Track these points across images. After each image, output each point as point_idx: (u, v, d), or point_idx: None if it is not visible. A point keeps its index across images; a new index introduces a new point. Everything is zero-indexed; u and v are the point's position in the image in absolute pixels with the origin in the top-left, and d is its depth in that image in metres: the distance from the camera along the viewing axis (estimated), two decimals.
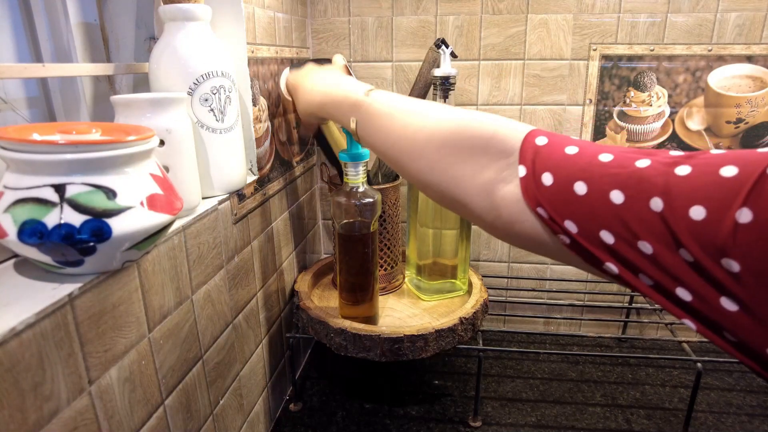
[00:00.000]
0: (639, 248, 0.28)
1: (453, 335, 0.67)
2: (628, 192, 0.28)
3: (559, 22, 0.82)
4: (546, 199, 0.32)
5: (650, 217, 0.27)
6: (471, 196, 0.37)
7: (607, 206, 0.29)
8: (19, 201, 0.32)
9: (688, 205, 0.26)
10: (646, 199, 0.27)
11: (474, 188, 0.37)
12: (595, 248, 0.30)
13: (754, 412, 0.77)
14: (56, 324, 0.32)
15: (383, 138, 0.45)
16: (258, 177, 0.64)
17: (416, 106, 0.43)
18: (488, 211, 0.37)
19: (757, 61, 0.81)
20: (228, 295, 0.58)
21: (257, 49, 0.64)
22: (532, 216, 0.33)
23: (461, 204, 0.39)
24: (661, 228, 0.27)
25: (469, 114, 0.40)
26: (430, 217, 0.75)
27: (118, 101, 0.44)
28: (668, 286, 0.28)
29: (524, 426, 0.74)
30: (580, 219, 0.30)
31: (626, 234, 0.28)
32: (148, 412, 0.42)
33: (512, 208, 0.35)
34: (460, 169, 0.38)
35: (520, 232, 0.35)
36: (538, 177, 0.33)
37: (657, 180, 0.27)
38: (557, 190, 0.32)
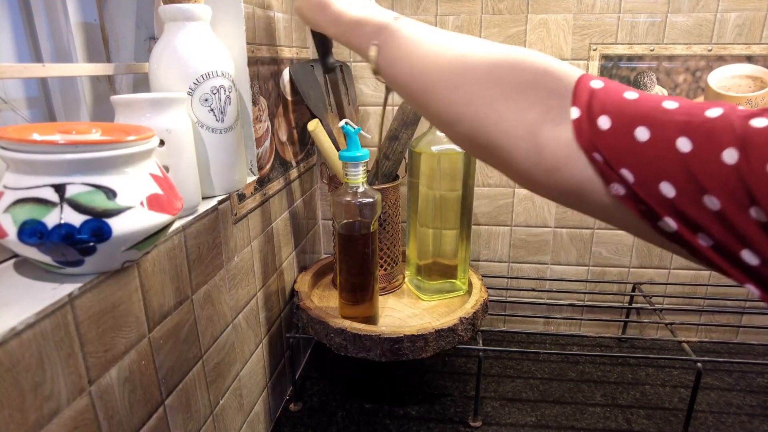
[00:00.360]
0: (704, 203, 0.25)
1: (453, 335, 0.67)
2: (698, 140, 0.25)
3: (559, 22, 0.82)
4: (603, 143, 0.29)
5: (722, 169, 0.24)
6: (510, 136, 0.33)
7: (672, 155, 0.26)
8: (19, 201, 0.32)
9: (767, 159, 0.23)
10: (718, 149, 0.25)
11: (515, 129, 0.33)
12: (653, 201, 0.27)
13: (754, 412, 0.77)
14: (56, 324, 0.32)
15: (410, 65, 0.38)
16: (258, 177, 0.64)
17: (455, 36, 0.38)
18: (528, 155, 0.32)
19: (757, 61, 0.81)
20: (228, 295, 0.58)
21: (257, 49, 0.64)
22: (582, 161, 0.30)
23: (496, 146, 0.34)
24: (734, 182, 0.24)
25: (518, 48, 0.35)
26: (430, 217, 0.75)
27: (118, 101, 0.44)
28: (733, 247, 0.25)
29: (524, 426, 0.74)
30: (640, 167, 0.27)
31: (691, 187, 0.26)
32: (148, 412, 0.42)
33: (559, 152, 0.31)
34: (502, 104, 0.33)
35: (563, 181, 0.31)
36: (594, 120, 0.29)
37: (731, 130, 0.25)
38: (616, 134, 0.28)
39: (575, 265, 0.95)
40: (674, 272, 0.94)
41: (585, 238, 0.93)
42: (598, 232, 0.93)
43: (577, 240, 0.93)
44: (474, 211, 0.92)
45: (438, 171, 0.72)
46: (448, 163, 0.72)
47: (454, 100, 0.36)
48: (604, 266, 0.95)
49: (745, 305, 0.93)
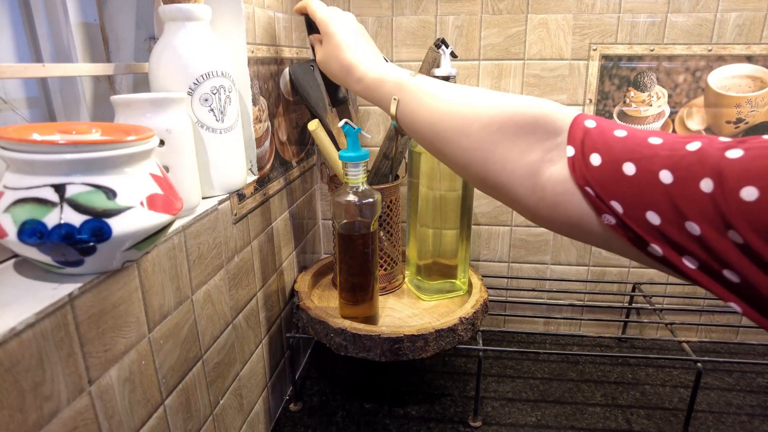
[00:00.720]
0: (686, 229, 0.28)
1: (453, 335, 0.67)
2: (677, 173, 0.28)
3: (559, 22, 0.82)
4: (594, 179, 0.32)
5: (699, 197, 0.27)
6: (515, 177, 0.37)
7: (656, 186, 0.29)
8: (19, 201, 0.32)
9: (739, 187, 0.25)
10: (696, 179, 0.27)
11: (519, 169, 0.37)
12: (641, 229, 0.30)
13: (754, 412, 0.77)
14: (56, 324, 0.32)
15: (426, 116, 0.44)
16: (258, 177, 0.64)
17: (463, 89, 0.43)
18: (532, 193, 0.36)
19: (757, 61, 0.81)
20: (228, 295, 0.58)
21: (257, 49, 0.64)
22: (578, 196, 0.33)
23: (504, 186, 0.38)
24: (711, 209, 0.27)
25: (517, 96, 0.40)
26: (430, 217, 0.75)
27: (118, 101, 0.44)
28: (715, 268, 0.27)
29: (524, 426, 0.74)
30: (627, 199, 0.30)
31: (673, 215, 0.28)
32: (148, 412, 0.42)
33: (558, 189, 0.34)
34: (506, 148, 0.37)
35: (563, 214, 0.35)
36: (587, 157, 0.33)
37: (708, 161, 0.27)
38: (605, 170, 0.32)
39: (575, 265, 0.95)
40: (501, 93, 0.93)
41: None
42: None
43: None
44: (474, 211, 0.92)
45: (438, 171, 0.72)
46: None
47: (465, 146, 0.40)
48: (604, 266, 0.95)
49: None
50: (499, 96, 0.40)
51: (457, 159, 0.41)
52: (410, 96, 0.46)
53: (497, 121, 0.38)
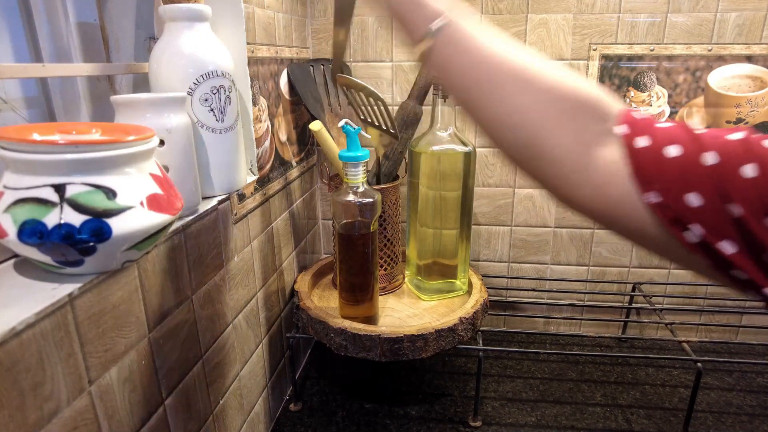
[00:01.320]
0: (728, 211, 0.29)
1: (453, 335, 0.67)
2: (722, 156, 0.29)
3: (559, 22, 0.82)
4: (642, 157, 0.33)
5: (743, 181, 0.28)
6: (565, 152, 0.35)
7: (699, 168, 0.30)
8: (19, 201, 0.32)
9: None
10: (740, 164, 0.28)
11: (574, 143, 0.35)
12: (682, 209, 0.30)
13: (754, 412, 0.77)
14: (56, 324, 0.32)
15: (474, 60, 0.37)
16: (258, 177, 0.64)
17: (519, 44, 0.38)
18: (577, 172, 0.35)
19: (757, 60, 0.81)
20: (228, 295, 0.58)
21: (257, 49, 0.64)
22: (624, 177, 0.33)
23: (550, 158, 0.36)
24: (753, 193, 0.28)
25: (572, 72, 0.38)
26: (430, 217, 0.75)
27: (118, 101, 0.44)
28: (755, 251, 0.28)
29: (524, 426, 0.74)
30: (669, 180, 0.31)
31: (716, 196, 0.29)
32: (148, 412, 0.42)
33: (607, 169, 0.34)
34: (564, 120, 0.35)
35: (607, 196, 0.34)
36: (636, 138, 0.33)
37: (753, 148, 0.28)
38: (652, 152, 0.32)
39: (575, 265, 0.95)
40: (674, 272, 0.94)
41: (585, 238, 0.93)
42: (598, 232, 0.93)
43: (577, 240, 0.93)
44: (474, 211, 0.92)
45: (438, 171, 0.72)
46: (448, 163, 0.72)
47: (521, 105, 0.36)
48: (604, 266, 0.95)
49: (745, 305, 0.93)
50: (562, 69, 0.37)
51: (505, 118, 0.37)
52: (456, 29, 0.38)
53: (561, 90, 0.36)
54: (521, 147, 0.37)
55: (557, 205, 0.92)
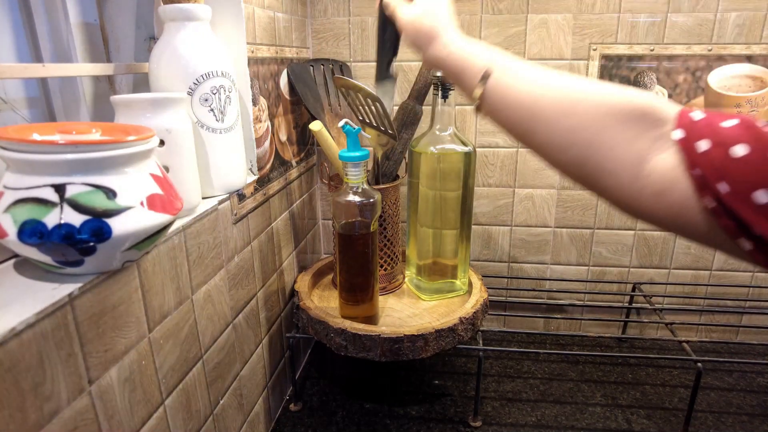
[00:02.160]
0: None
1: (453, 335, 0.67)
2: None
3: (559, 22, 0.82)
4: (702, 161, 0.32)
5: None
6: (621, 163, 0.36)
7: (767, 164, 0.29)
8: (19, 201, 0.32)
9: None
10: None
11: (626, 155, 0.36)
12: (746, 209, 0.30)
13: (754, 412, 0.77)
14: (56, 324, 0.32)
15: (524, 93, 0.41)
16: (258, 177, 0.64)
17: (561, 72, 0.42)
18: (636, 180, 0.36)
19: (756, 60, 0.81)
20: (228, 295, 0.58)
21: (257, 49, 0.64)
22: (683, 182, 0.33)
23: (606, 171, 0.37)
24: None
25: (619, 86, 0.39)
26: (430, 217, 0.75)
27: (118, 101, 0.44)
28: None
29: (524, 426, 0.74)
30: (736, 178, 0.30)
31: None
32: (148, 412, 0.42)
33: (666, 176, 0.34)
34: (615, 133, 0.36)
35: (666, 203, 0.34)
36: (694, 143, 0.33)
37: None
38: (714, 153, 0.32)
39: (575, 265, 0.95)
40: (674, 272, 0.94)
41: (585, 238, 0.93)
42: (598, 232, 0.93)
43: (577, 240, 0.93)
44: (474, 210, 0.92)
45: (438, 171, 0.72)
46: (448, 163, 0.72)
47: (569, 126, 0.38)
48: (604, 266, 0.95)
49: (745, 305, 0.93)
50: (604, 83, 0.39)
51: (556, 141, 0.39)
52: (505, 69, 0.43)
53: (609, 105, 0.37)
54: (578, 166, 0.39)
55: (562, 206, 0.92)
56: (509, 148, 0.89)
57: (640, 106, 0.36)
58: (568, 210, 0.92)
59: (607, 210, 0.91)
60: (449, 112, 0.72)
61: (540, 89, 0.41)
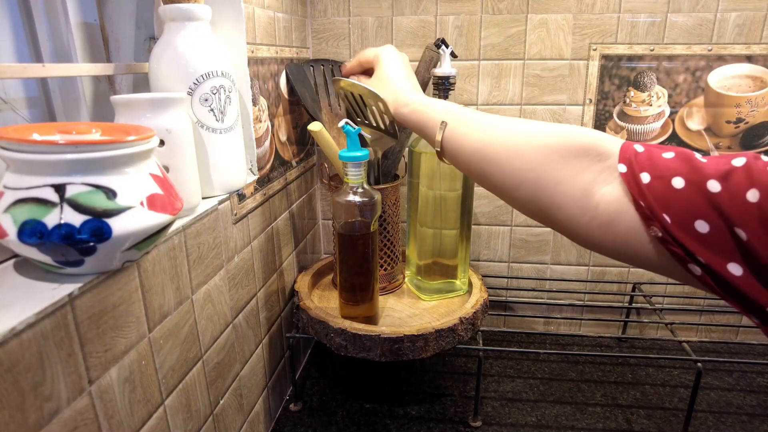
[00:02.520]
0: (734, 235, 0.30)
1: (453, 335, 0.67)
2: (724, 183, 0.30)
3: (559, 22, 0.82)
4: (644, 193, 0.34)
5: (747, 206, 0.29)
6: (569, 197, 0.38)
7: (704, 195, 0.31)
8: (19, 201, 0.32)
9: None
10: (743, 190, 0.29)
11: (573, 189, 0.38)
12: (689, 238, 0.31)
13: (755, 412, 0.77)
14: (56, 324, 0.32)
15: (476, 139, 0.45)
16: (258, 177, 0.64)
17: (511, 118, 0.45)
18: (584, 213, 0.38)
19: (757, 60, 0.81)
20: (228, 295, 0.58)
21: (257, 49, 0.64)
22: (630, 213, 0.35)
23: (556, 207, 0.39)
24: (757, 217, 0.29)
25: (565, 125, 0.42)
26: (430, 217, 0.75)
27: (118, 101, 0.44)
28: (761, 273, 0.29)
29: (524, 426, 0.74)
30: (677, 210, 0.32)
31: (722, 222, 0.30)
32: (148, 412, 0.42)
33: (611, 207, 0.36)
34: (560, 169, 0.39)
35: (614, 233, 0.36)
36: (637, 175, 0.35)
37: (754, 175, 0.29)
38: (655, 185, 0.33)
39: (575, 264, 0.95)
40: None
41: None
42: None
43: None
44: (474, 210, 0.92)
45: (438, 171, 0.72)
46: None
47: (517, 167, 0.41)
48: (604, 266, 0.95)
49: None
50: (548, 124, 0.42)
51: (507, 181, 0.42)
52: (458, 119, 0.47)
53: (551, 144, 0.39)
54: (531, 203, 0.41)
55: None
56: None
57: (582, 142, 0.39)
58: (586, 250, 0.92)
59: None
60: None
61: (489, 135, 0.44)
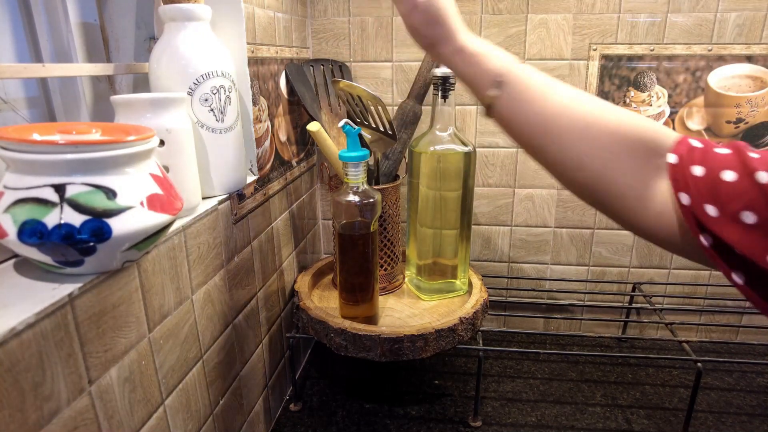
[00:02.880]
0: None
1: (453, 335, 0.67)
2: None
3: (559, 22, 0.82)
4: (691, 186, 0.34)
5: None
6: (629, 188, 0.38)
7: (755, 186, 0.31)
8: (19, 201, 0.32)
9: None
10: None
11: (634, 181, 0.38)
12: (732, 229, 0.32)
13: (755, 412, 0.77)
14: (56, 324, 0.32)
15: (538, 110, 0.41)
16: (258, 177, 0.64)
17: (576, 90, 0.41)
18: (641, 203, 0.37)
19: (756, 60, 0.81)
20: (228, 295, 0.58)
21: (257, 49, 0.64)
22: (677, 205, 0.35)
23: (615, 194, 0.39)
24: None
25: (630, 112, 0.40)
26: (430, 217, 0.75)
27: (118, 101, 0.44)
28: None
29: (524, 426, 0.74)
30: (724, 201, 0.32)
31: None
32: (148, 412, 0.42)
33: (665, 197, 0.36)
34: (625, 161, 0.38)
35: (667, 225, 0.36)
36: (688, 168, 0.35)
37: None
38: (704, 178, 0.34)
39: (575, 265, 0.95)
40: (674, 272, 0.94)
41: (585, 238, 0.93)
42: (598, 232, 0.93)
43: (577, 240, 0.93)
44: (474, 211, 0.92)
45: (438, 171, 0.72)
46: (448, 163, 0.72)
47: (583, 150, 0.39)
48: (604, 266, 0.95)
49: (745, 305, 0.93)
50: (615, 108, 0.40)
51: (568, 162, 0.40)
52: (519, 82, 0.41)
53: (621, 132, 0.39)
54: (588, 187, 0.40)
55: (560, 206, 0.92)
56: (509, 148, 0.89)
57: (648, 134, 0.38)
58: (568, 210, 0.92)
59: None
60: (449, 112, 0.72)
61: (555, 107, 0.40)
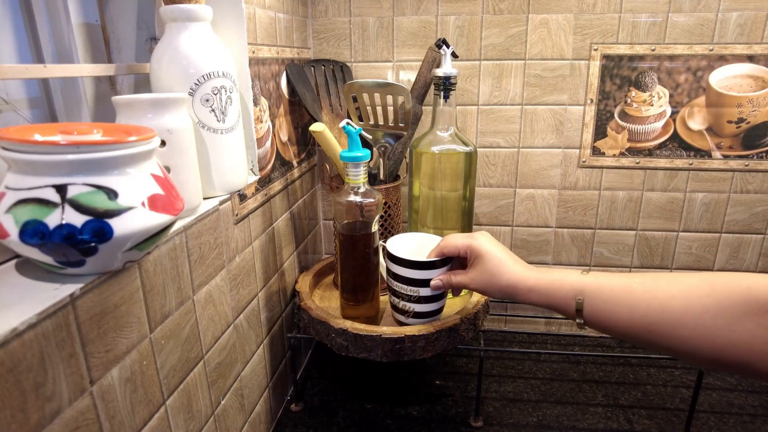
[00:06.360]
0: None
1: (454, 335, 0.67)
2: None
3: (560, 21, 0.82)
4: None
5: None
6: (749, 351, 0.37)
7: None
8: (21, 201, 0.32)
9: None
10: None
11: (754, 343, 0.37)
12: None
13: (756, 413, 0.77)
14: (58, 324, 0.32)
15: (625, 314, 0.44)
16: (259, 177, 0.64)
17: (651, 277, 0.44)
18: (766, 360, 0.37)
19: (758, 60, 0.80)
20: (229, 296, 0.58)
21: (258, 50, 0.64)
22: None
23: (742, 362, 0.38)
24: None
25: (712, 274, 0.41)
26: (430, 217, 0.75)
27: (119, 102, 0.44)
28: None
29: (525, 426, 0.74)
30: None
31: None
32: (149, 413, 0.42)
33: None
34: (731, 328, 0.38)
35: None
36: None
37: None
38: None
39: (576, 265, 0.95)
40: (675, 272, 0.94)
41: (586, 238, 0.93)
42: (599, 232, 0.93)
43: (578, 240, 0.93)
44: (475, 211, 0.92)
45: (439, 171, 0.72)
46: (449, 163, 0.72)
47: (685, 335, 0.40)
48: (606, 266, 0.95)
49: None
50: (694, 278, 0.41)
51: (679, 348, 0.41)
52: (596, 295, 0.46)
53: (712, 306, 0.38)
54: (710, 362, 0.40)
55: (558, 207, 0.92)
56: (510, 149, 0.89)
57: (743, 292, 0.37)
58: (569, 210, 0.92)
59: (608, 210, 0.91)
60: (450, 112, 0.72)
61: (639, 308, 0.42)
